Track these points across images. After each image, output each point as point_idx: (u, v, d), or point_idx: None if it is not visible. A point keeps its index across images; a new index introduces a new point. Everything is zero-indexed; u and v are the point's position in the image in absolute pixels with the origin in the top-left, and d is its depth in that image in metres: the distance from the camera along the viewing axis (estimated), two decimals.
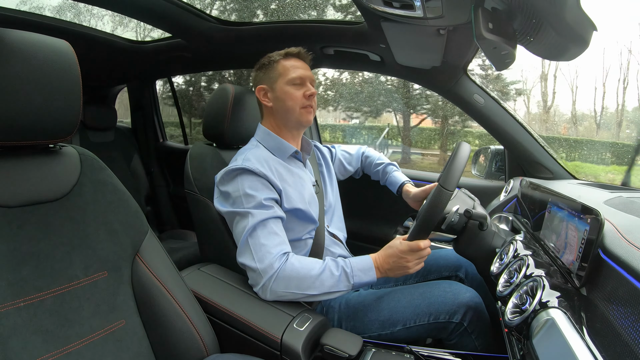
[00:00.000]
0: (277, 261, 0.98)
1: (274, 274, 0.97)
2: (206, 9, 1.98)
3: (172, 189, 2.74)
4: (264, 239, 1.00)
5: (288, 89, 1.17)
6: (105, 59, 2.12)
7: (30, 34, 0.70)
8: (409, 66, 1.53)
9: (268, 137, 1.21)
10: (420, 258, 1.02)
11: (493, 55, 0.88)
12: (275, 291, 0.97)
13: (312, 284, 0.97)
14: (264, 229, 1.01)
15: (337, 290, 1.00)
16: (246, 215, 1.02)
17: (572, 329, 0.54)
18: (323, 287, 0.98)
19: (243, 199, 1.04)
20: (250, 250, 0.99)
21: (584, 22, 0.72)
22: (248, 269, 1.01)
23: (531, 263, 0.79)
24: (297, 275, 0.97)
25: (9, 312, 0.64)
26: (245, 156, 1.11)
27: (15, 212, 0.69)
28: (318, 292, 0.98)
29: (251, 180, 1.06)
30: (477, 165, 1.86)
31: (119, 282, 0.80)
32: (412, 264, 1.01)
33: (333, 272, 1.00)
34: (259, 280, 0.98)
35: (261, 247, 0.99)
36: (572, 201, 0.79)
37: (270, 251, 0.98)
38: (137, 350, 0.79)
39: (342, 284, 1.00)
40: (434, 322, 1.03)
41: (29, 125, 0.69)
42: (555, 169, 1.49)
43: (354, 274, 1.00)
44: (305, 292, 0.97)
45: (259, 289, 0.99)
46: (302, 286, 0.97)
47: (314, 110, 1.21)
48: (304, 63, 1.22)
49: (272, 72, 1.19)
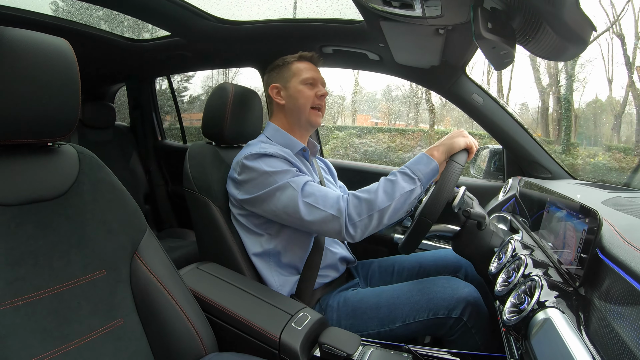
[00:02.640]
0: (342, 202, 1.00)
1: (345, 213, 0.99)
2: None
3: (170, 188, 2.74)
4: (318, 191, 1.03)
5: (301, 87, 1.22)
6: (104, 57, 2.11)
7: (28, 32, 0.69)
8: (408, 65, 1.53)
9: (277, 133, 1.25)
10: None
11: (492, 55, 0.88)
12: (355, 224, 0.99)
13: (377, 199, 0.99)
14: (312, 187, 1.04)
15: (407, 192, 1.00)
16: (287, 185, 1.04)
17: (570, 328, 0.54)
18: (390, 196, 0.99)
19: (275, 176, 1.05)
20: (314, 206, 1.01)
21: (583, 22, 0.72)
22: (324, 223, 1.01)
23: (529, 263, 0.79)
24: (360, 201, 1.00)
25: (7, 310, 0.64)
26: (260, 146, 1.13)
27: (14, 211, 0.69)
28: (389, 202, 0.99)
29: (274, 161, 1.08)
30: (476, 165, 1.86)
31: (118, 280, 0.80)
32: (465, 133, 1.07)
33: (389, 179, 1.02)
34: (340, 224, 0.99)
35: (322, 197, 1.02)
36: (571, 201, 0.79)
37: (331, 196, 1.01)
38: (135, 349, 0.79)
39: (406, 184, 1.01)
40: (433, 318, 1.03)
41: (27, 124, 0.69)
42: (554, 169, 1.50)
43: (411, 169, 1.03)
44: (379, 209, 0.98)
45: (344, 233, 1.00)
46: (373, 206, 0.99)
47: (322, 113, 1.26)
48: (316, 67, 1.29)
49: (286, 72, 1.25)
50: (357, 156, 7.46)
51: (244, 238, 1.17)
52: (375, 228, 1.01)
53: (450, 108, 7.51)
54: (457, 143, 1.05)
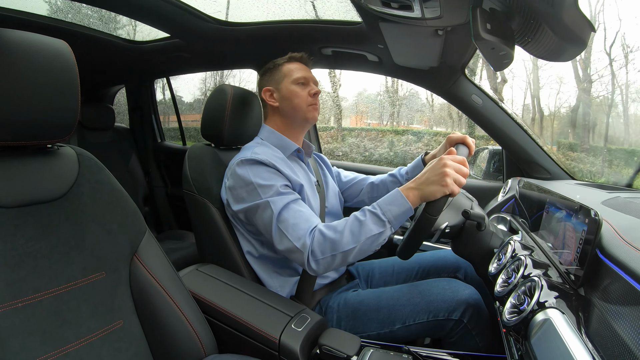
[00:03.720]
0: (308, 237, 0.98)
1: (308, 249, 0.97)
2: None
3: (170, 190, 2.73)
4: (293, 219, 1.01)
5: (294, 87, 1.22)
6: (104, 59, 2.12)
7: (28, 34, 0.69)
8: (407, 67, 1.53)
9: (272, 135, 1.24)
10: (459, 167, 0.93)
11: (491, 56, 0.89)
12: (318, 261, 0.97)
13: (342, 239, 0.95)
14: (289, 211, 1.02)
15: (374, 235, 0.95)
16: (267, 205, 1.03)
17: (570, 329, 0.54)
18: (356, 237, 0.95)
19: (259, 190, 1.04)
20: (284, 234, 1.00)
21: (582, 23, 0.72)
22: (291, 252, 1.00)
23: (529, 263, 0.79)
24: (325, 239, 0.97)
25: (6, 312, 0.64)
26: (253, 150, 1.13)
27: (13, 213, 0.69)
28: (354, 244, 0.95)
29: (263, 171, 1.07)
30: (475, 165, 1.86)
31: (117, 282, 0.80)
32: (450, 169, 0.91)
33: (359, 218, 0.97)
34: (303, 258, 0.98)
35: (292, 227, 1.00)
36: (570, 201, 0.79)
37: (301, 227, 0.99)
38: (135, 350, 0.79)
39: (374, 226, 0.95)
40: (433, 320, 1.03)
41: (26, 126, 0.69)
42: (553, 170, 1.50)
43: (383, 210, 0.96)
44: (343, 250, 0.95)
45: (307, 267, 0.99)
46: (337, 247, 0.95)
47: (318, 108, 1.25)
48: (306, 67, 1.28)
49: (277, 75, 1.25)
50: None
51: (240, 240, 1.18)
52: (340, 265, 0.99)
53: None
54: (433, 194, 0.91)
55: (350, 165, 2.22)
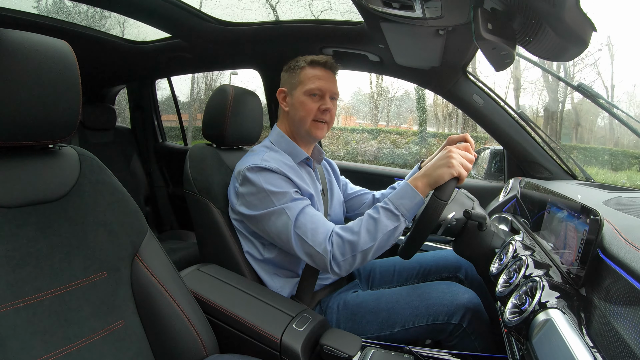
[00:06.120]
0: (327, 242, 0.99)
1: (330, 253, 0.98)
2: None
3: (171, 190, 2.74)
4: (311, 224, 1.01)
5: (304, 99, 1.15)
6: (105, 59, 2.12)
7: (29, 35, 0.69)
8: (408, 66, 1.53)
9: (282, 139, 1.21)
10: (464, 153, 0.99)
11: (492, 56, 0.88)
12: (339, 264, 0.98)
13: (359, 240, 0.97)
14: (305, 216, 1.02)
15: (390, 230, 0.97)
16: (282, 211, 1.02)
17: (571, 329, 0.54)
18: (372, 235, 0.97)
19: (272, 197, 1.04)
20: (304, 240, 1.00)
21: (583, 23, 0.72)
22: (312, 257, 1.01)
23: (530, 263, 0.79)
24: (343, 241, 0.98)
25: (8, 312, 0.64)
26: (263, 157, 1.10)
27: (15, 213, 0.69)
28: (372, 242, 0.97)
29: (274, 179, 1.06)
30: (476, 165, 1.86)
31: (118, 282, 0.80)
32: (455, 154, 0.97)
33: (372, 216, 0.99)
34: (325, 262, 0.99)
35: (313, 233, 1.00)
36: (572, 201, 0.79)
37: (320, 231, 1.00)
38: (136, 350, 0.79)
39: (388, 222, 0.97)
40: (433, 324, 1.03)
41: (28, 126, 0.69)
42: (555, 169, 1.49)
43: (395, 204, 0.98)
44: (362, 249, 0.97)
45: (329, 270, 1.00)
46: (356, 247, 0.97)
47: (327, 126, 1.20)
48: (330, 74, 1.18)
49: (295, 78, 1.18)
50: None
51: (242, 241, 1.17)
52: (361, 263, 1.00)
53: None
54: (441, 176, 0.95)
55: (351, 165, 2.22)
